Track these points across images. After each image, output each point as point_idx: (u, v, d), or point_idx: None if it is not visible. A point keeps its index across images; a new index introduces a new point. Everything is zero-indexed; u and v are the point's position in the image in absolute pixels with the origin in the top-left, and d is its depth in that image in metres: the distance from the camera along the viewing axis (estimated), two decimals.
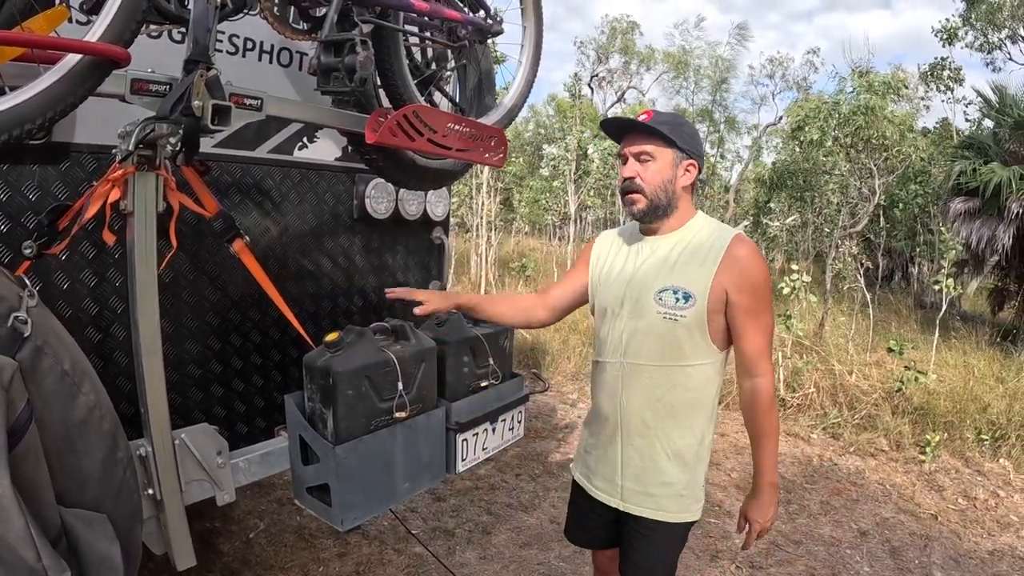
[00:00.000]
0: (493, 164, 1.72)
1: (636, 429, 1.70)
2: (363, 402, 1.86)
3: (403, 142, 1.39)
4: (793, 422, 5.29)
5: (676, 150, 1.62)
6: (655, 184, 1.62)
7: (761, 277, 1.58)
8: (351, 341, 1.92)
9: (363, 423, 1.87)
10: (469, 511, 3.56)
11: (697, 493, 1.72)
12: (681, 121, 1.67)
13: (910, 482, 4.25)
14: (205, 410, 2.15)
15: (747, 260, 1.58)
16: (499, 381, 2.30)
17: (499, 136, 1.67)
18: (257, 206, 2.20)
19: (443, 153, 1.50)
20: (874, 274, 9.67)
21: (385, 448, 1.92)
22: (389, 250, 2.56)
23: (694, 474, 1.69)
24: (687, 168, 1.64)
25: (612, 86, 20.31)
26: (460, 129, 1.52)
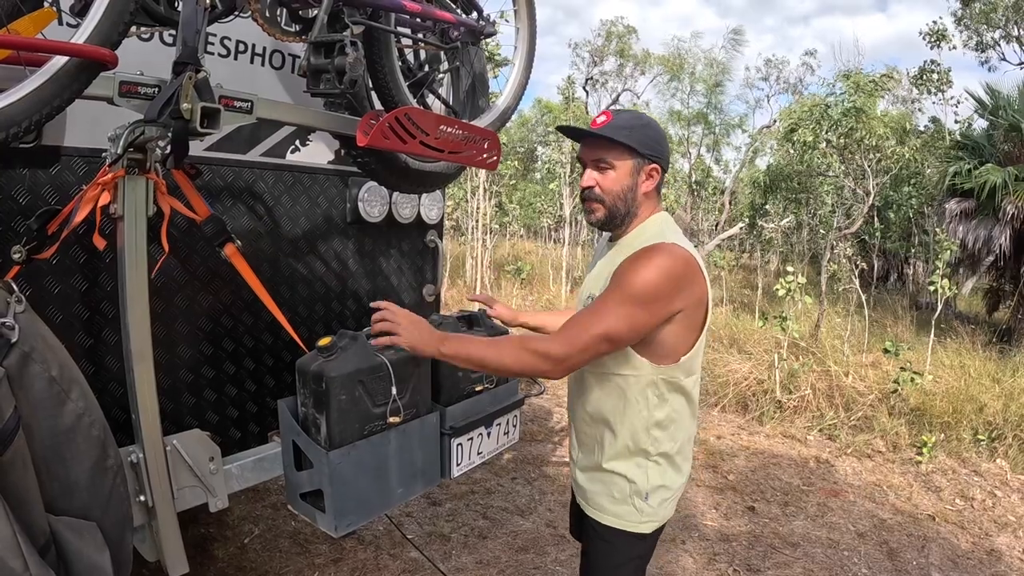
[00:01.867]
0: (486, 167, 1.71)
1: (580, 430, 1.71)
2: (357, 407, 1.84)
3: (395, 145, 1.38)
4: (789, 424, 5.29)
5: (636, 157, 1.51)
6: (614, 193, 1.54)
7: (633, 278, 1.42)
8: (344, 345, 1.91)
9: (357, 428, 1.85)
10: (465, 515, 3.54)
11: (640, 504, 1.60)
12: (643, 122, 1.55)
13: (907, 483, 4.25)
14: (198, 416, 2.13)
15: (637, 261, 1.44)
16: (494, 385, 2.28)
17: (492, 138, 1.66)
18: (249, 210, 2.18)
19: (435, 156, 1.49)
20: (869, 275, 9.70)
21: (379, 453, 1.91)
22: (383, 253, 2.55)
23: (632, 483, 1.59)
24: (649, 173, 1.54)
25: (606, 88, 20.36)
26: (452, 131, 1.51)
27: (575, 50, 22.58)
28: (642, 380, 1.53)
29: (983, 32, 13.63)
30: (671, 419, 1.58)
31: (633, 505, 1.61)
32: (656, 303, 1.42)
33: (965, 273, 8.42)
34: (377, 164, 1.78)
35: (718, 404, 5.82)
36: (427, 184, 1.97)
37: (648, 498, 1.60)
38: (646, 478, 1.60)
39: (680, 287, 1.45)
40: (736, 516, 3.74)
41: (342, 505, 1.85)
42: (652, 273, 1.42)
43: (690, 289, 1.47)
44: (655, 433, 1.57)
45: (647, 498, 1.60)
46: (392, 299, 2.63)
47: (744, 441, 4.98)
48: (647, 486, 1.60)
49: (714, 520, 3.66)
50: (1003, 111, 8.60)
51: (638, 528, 1.62)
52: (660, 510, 1.63)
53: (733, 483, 4.18)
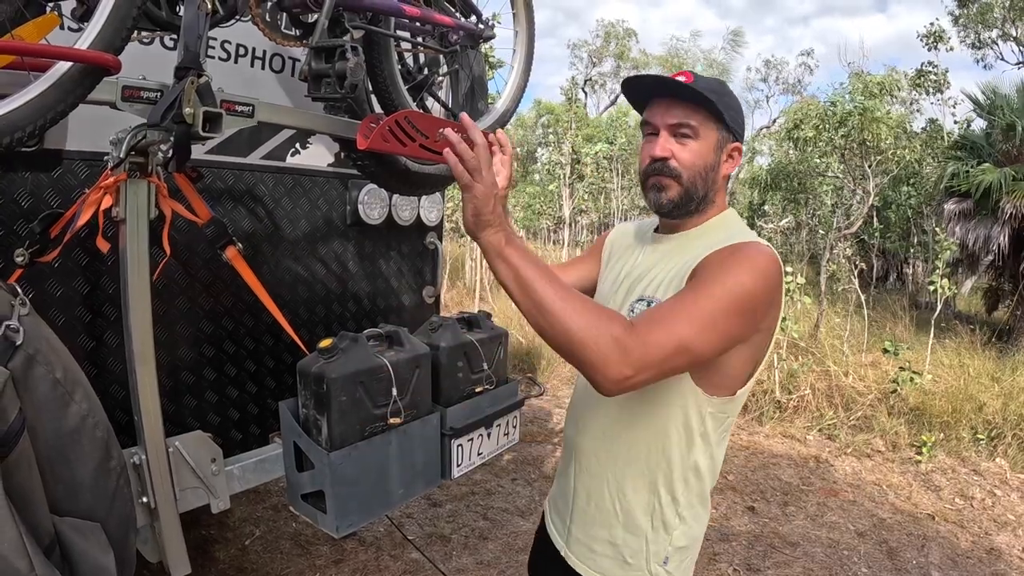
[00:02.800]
0: None
1: (586, 465, 1.35)
2: (357, 408, 1.85)
3: (395, 148, 1.38)
4: (789, 424, 5.31)
5: (723, 130, 1.23)
6: (695, 169, 1.22)
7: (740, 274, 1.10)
8: (345, 347, 1.92)
9: (358, 429, 1.86)
10: (465, 516, 3.55)
11: (656, 570, 1.28)
12: (727, 90, 1.25)
13: (907, 483, 4.26)
14: (199, 417, 2.15)
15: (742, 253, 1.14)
16: (494, 386, 2.29)
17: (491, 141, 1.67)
18: (250, 213, 2.20)
19: (435, 159, 1.50)
20: (869, 275, 9.69)
21: (380, 454, 1.92)
22: (383, 256, 2.56)
23: (651, 545, 1.27)
24: (731, 153, 1.26)
25: (605, 90, 20.39)
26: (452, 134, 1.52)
27: (573, 51, 22.66)
28: (690, 411, 1.21)
29: (980, 31, 13.68)
30: (710, 467, 1.27)
31: (649, 571, 1.29)
32: (753, 313, 1.12)
33: (964, 273, 8.42)
34: (377, 167, 1.79)
35: None
36: (426, 186, 1.98)
37: (667, 562, 1.29)
38: (669, 539, 1.28)
39: (774, 299, 1.16)
40: (736, 516, 3.75)
41: (343, 506, 1.86)
42: (753, 276, 1.11)
43: (777, 304, 1.18)
44: (691, 480, 1.26)
45: (666, 562, 1.28)
46: (392, 301, 2.65)
47: (744, 441, 4.99)
48: (668, 548, 1.28)
49: (714, 520, 3.67)
50: (1000, 111, 8.62)
51: None
52: (683, 571, 1.32)
53: (733, 483, 4.19)
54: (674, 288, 1.20)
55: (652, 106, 1.26)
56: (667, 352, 1.03)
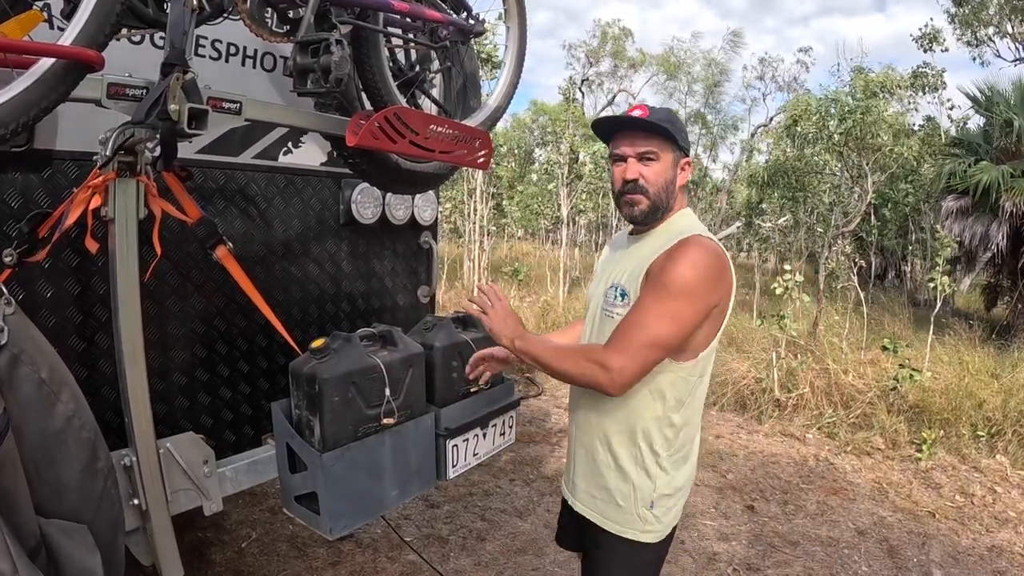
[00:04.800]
0: (477, 166, 1.71)
1: (583, 426, 1.64)
2: (350, 409, 1.84)
3: (385, 144, 1.38)
4: (788, 422, 5.29)
5: (677, 149, 1.54)
6: (659, 185, 1.51)
7: (676, 276, 1.40)
8: (337, 347, 1.90)
9: (350, 430, 1.85)
10: (463, 517, 3.53)
11: (643, 513, 1.54)
12: (675, 117, 1.58)
13: (907, 480, 4.24)
14: (192, 419, 2.13)
15: (679, 256, 1.42)
16: (489, 386, 2.28)
17: (483, 138, 1.66)
18: (242, 212, 2.18)
19: (425, 155, 1.49)
20: (867, 273, 9.67)
21: (373, 455, 1.91)
22: (376, 255, 2.54)
23: (638, 490, 1.54)
24: (683, 167, 1.57)
25: (602, 89, 20.38)
26: (442, 131, 1.51)
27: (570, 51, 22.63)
28: (660, 378, 1.48)
29: (976, 29, 13.68)
30: (684, 421, 1.55)
31: (637, 514, 1.55)
32: (699, 298, 1.41)
33: (963, 270, 8.40)
34: (368, 165, 1.78)
35: (716, 403, 5.80)
36: (419, 185, 1.96)
37: (653, 506, 1.55)
38: (652, 486, 1.54)
39: (718, 278, 1.44)
40: (735, 515, 3.73)
41: (336, 507, 1.85)
42: (690, 268, 1.40)
43: (724, 281, 1.46)
44: (668, 434, 1.53)
45: (652, 507, 1.55)
46: (386, 301, 2.63)
47: (743, 440, 4.98)
48: (653, 494, 1.55)
49: (713, 519, 3.65)
50: (998, 107, 8.61)
51: (642, 537, 1.56)
52: (665, 518, 1.57)
53: (732, 482, 4.17)
54: (636, 276, 1.51)
55: (618, 139, 1.55)
56: (642, 355, 1.39)
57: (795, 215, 8.53)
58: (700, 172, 11.43)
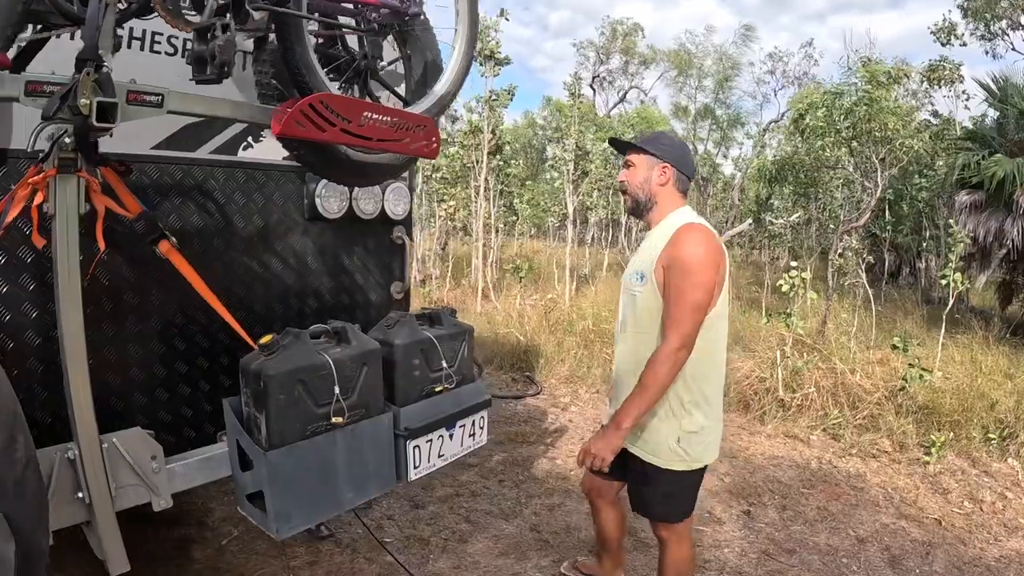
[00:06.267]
0: (423, 155, 1.62)
1: (621, 382, 2.10)
2: (298, 406, 1.78)
3: (312, 133, 1.31)
4: (792, 423, 5.13)
5: (650, 156, 2.03)
6: (635, 184, 2.05)
7: (686, 257, 1.89)
8: (287, 343, 1.84)
9: (298, 428, 1.79)
10: (447, 519, 3.46)
11: (674, 447, 1.99)
12: (661, 138, 2.12)
13: (913, 485, 4.08)
14: (150, 414, 2.08)
15: (680, 242, 1.91)
16: (455, 385, 2.20)
17: (428, 125, 1.57)
18: (200, 208, 2.13)
19: (361, 144, 1.42)
20: (880, 270, 9.40)
21: (324, 455, 1.84)
22: (345, 251, 2.48)
23: (664, 426, 1.99)
24: (662, 170, 2.03)
25: (613, 87, 20.17)
26: (380, 118, 1.43)
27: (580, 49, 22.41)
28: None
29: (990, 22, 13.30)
30: (701, 366, 1.96)
31: (668, 446, 1.99)
32: (711, 265, 1.88)
33: (977, 266, 8.11)
34: (314, 156, 1.71)
35: None
36: (372, 176, 1.89)
37: (680, 441, 1.99)
38: (678, 423, 1.98)
39: (717, 249, 1.93)
40: (730, 521, 3.61)
41: (283, 507, 1.79)
42: (696, 247, 1.89)
43: (719, 252, 1.94)
44: (689, 380, 1.95)
45: (679, 441, 1.99)
46: (357, 297, 2.56)
47: (743, 442, 4.84)
48: (679, 431, 1.98)
49: (706, 525, 3.53)
50: (1013, 99, 8.31)
51: (675, 466, 2.01)
52: (695, 452, 2.01)
53: (729, 486, 4.04)
54: (650, 262, 1.99)
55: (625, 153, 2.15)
56: (689, 319, 1.87)
57: (806, 211, 8.31)
58: (710, 168, 11.23)
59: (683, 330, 1.86)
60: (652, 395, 1.89)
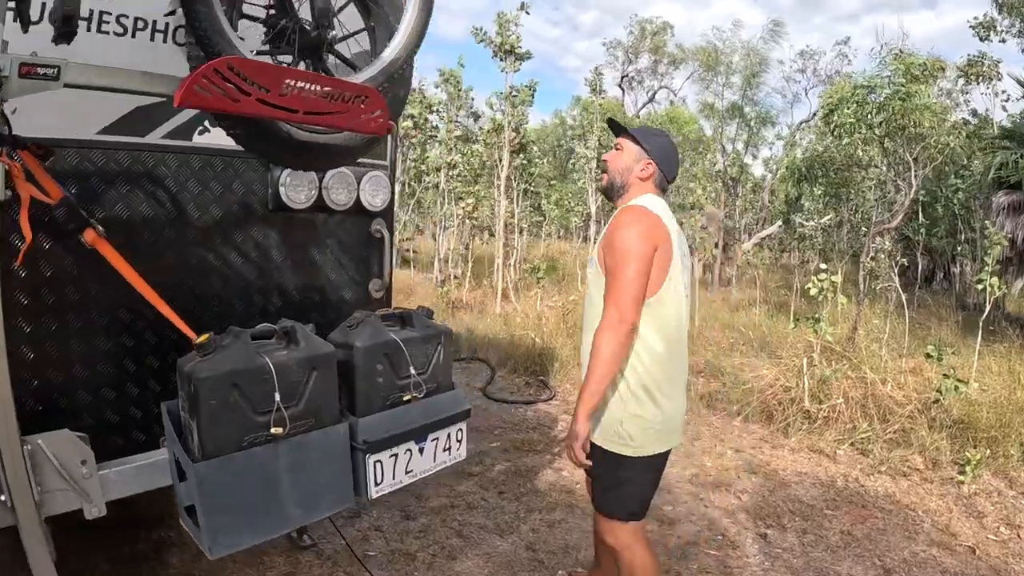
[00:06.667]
0: (368, 130, 1.42)
1: (582, 358, 2.04)
2: (233, 414, 1.60)
3: (220, 104, 1.13)
4: (818, 436, 4.81)
5: (640, 148, 2.05)
6: (615, 168, 2.08)
7: (616, 234, 1.92)
8: (226, 344, 1.67)
9: (233, 438, 1.61)
10: (438, 532, 3.26)
11: (617, 429, 1.96)
12: (656, 135, 2.11)
13: (946, 507, 3.75)
14: (93, 416, 1.93)
15: (614, 222, 1.97)
16: (424, 394, 2.00)
17: (372, 96, 1.37)
18: (150, 197, 1.97)
19: (285, 117, 1.24)
20: (914, 274, 8.90)
21: (264, 468, 1.66)
22: (316, 245, 2.30)
23: (612, 408, 1.96)
24: (646, 164, 2.04)
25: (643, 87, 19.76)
26: (308, 87, 1.25)
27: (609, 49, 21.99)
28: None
29: None
30: (648, 352, 1.94)
31: (614, 429, 1.96)
32: (642, 241, 1.88)
33: (1015, 271, 7.60)
34: (249, 134, 1.53)
35: (740, 413, 5.37)
36: (321, 159, 1.70)
37: (624, 424, 1.95)
38: (624, 407, 1.95)
39: (648, 226, 1.92)
40: (745, 544, 3.33)
41: (216, 523, 1.61)
42: (628, 225, 1.92)
43: (656, 230, 1.93)
44: (635, 363, 1.94)
45: (622, 424, 1.95)
46: (329, 295, 2.38)
47: (765, 456, 4.54)
48: (624, 413, 1.95)
49: (718, 549, 3.26)
50: None
51: (617, 449, 1.97)
52: (638, 438, 1.96)
53: (746, 504, 3.76)
54: (597, 247, 2.04)
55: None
56: (626, 293, 1.86)
57: (837, 213, 7.89)
58: (738, 169, 10.85)
59: (619, 304, 1.85)
60: (597, 374, 1.87)
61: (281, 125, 1.55)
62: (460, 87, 11.82)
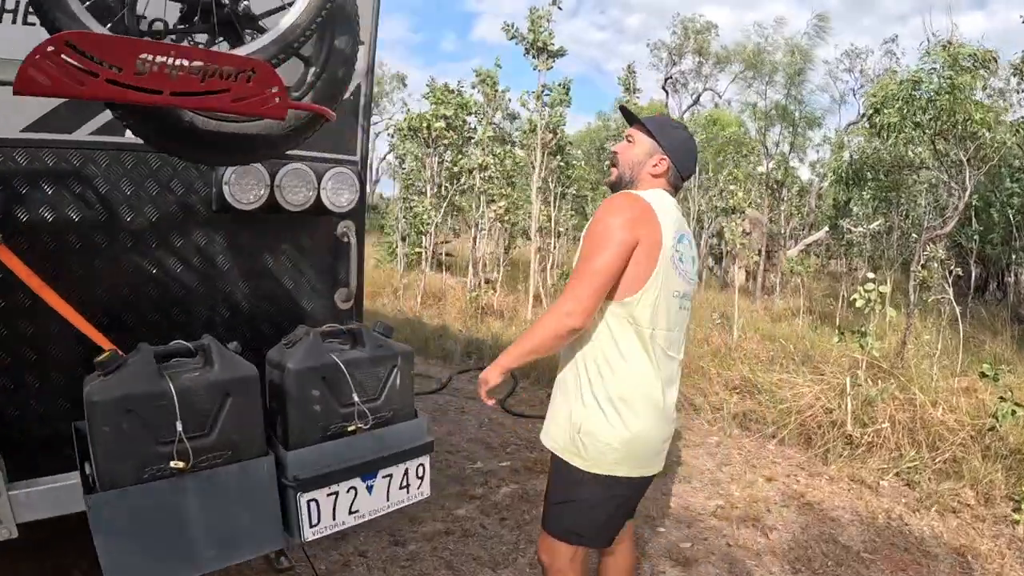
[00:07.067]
0: (260, 113, 1.19)
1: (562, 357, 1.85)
2: (131, 443, 1.40)
3: (65, 88, 0.93)
4: (860, 464, 4.36)
5: (655, 143, 1.82)
6: (625, 161, 1.85)
7: (594, 220, 1.73)
8: (130, 362, 1.47)
9: (132, 469, 1.41)
10: (426, 562, 3.01)
11: (575, 438, 1.73)
12: (672, 128, 1.87)
13: (998, 551, 3.29)
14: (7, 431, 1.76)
15: (598, 209, 1.75)
16: (370, 425, 1.76)
17: (262, 71, 1.13)
18: (78, 199, 1.79)
19: (144, 99, 1.01)
20: (966, 284, 8.19)
21: (169, 504, 1.45)
22: (269, 250, 2.09)
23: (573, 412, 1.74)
24: (659, 159, 1.82)
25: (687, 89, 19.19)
26: (171, 62, 1.02)
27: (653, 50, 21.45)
28: (602, 312, 1.71)
29: None
30: (620, 360, 1.71)
31: (569, 435, 1.75)
32: (612, 230, 1.66)
33: None
34: (144, 124, 1.32)
35: (776, 436, 4.95)
36: (236, 152, 1.47)
37: (580, 432, 1.73)
38: (584, 414, 1.73)
39: (632, 217, 1.68)
40: None
41: (115, 561, 1.40)
42: (609, 211, 1.70)
43: (643, 223, 1.68)
44: (603, 370, 1.72)
45: (579, 431, 1.73)
46: (286, 305, 2.16)
47: (800, 485, 4.13)
48: (582, 420, 1.73)
49: None
50: None
51: (568, 458, 1.76)
52: (596, 455, 1.72)
53: (775, 544, 3.38)
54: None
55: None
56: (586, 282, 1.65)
57: (887, 218, 7.31)
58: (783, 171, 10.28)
59: (575, 293, 1.65)
60: (525, 348, 1.73)
61: (181, 113, 1.33)
62: (496, 88, 11.63)
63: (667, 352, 1.76)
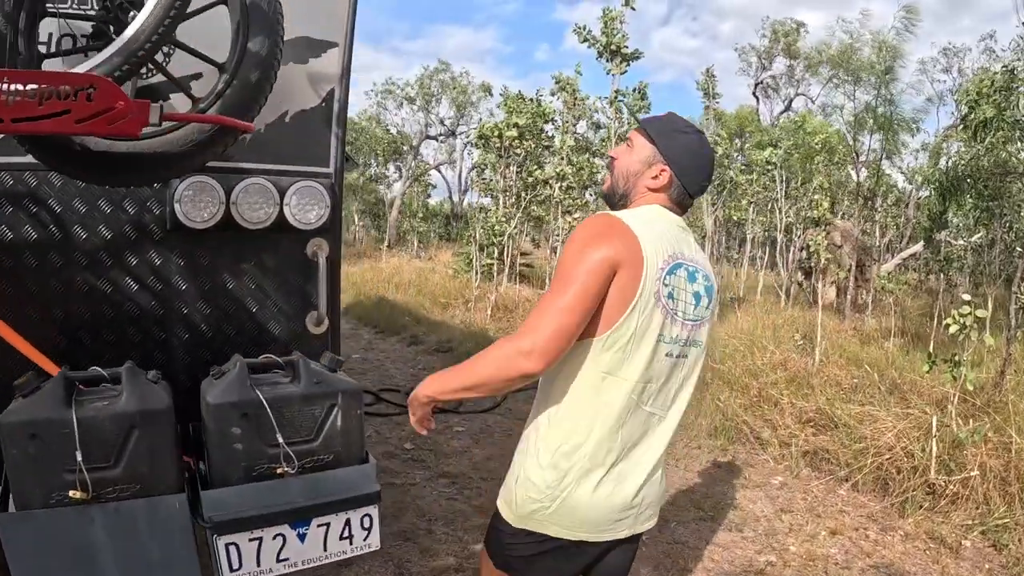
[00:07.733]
0: (105, 132, 1.06)
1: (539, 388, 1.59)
2: (37, 467, 1.39)
3: None
4: (942, 518, 3.78)
5: (656, 150, 1.53)
6: (620, 169, 1.58)
7: (563, 251, 1.45)
8: (45, 387, 1.43)
9: (40, 494, 1.39)
10: None
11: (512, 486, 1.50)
12: (683, 129, 1.56)
13: None
14: None
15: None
16: (300, 469, 1.62)
17: (103, 88, 1.01)
18: (33, 220, 1.78)
19: None
20: None
21: (74, 532, 1.42)
22: (229, 270, 2.01)
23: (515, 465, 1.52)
24: (659, 171, 1.52)
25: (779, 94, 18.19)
26: (6, 88, 0.92)
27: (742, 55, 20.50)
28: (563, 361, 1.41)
29: None
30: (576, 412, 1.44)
31: (509, 478, 1.54)
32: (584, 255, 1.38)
33: None
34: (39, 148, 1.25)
35: (849, 479, 4.40)
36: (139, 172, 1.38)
37: (518, 481, 1.50)
38: (524, 460, 1.50)
39: (608, 237, 1.39)
40: None
41: None
42: (583, 236, 1.42)
43: (622, 243, 1.39)
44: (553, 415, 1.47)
45: (517, 480, 1.50)
46: (250, 329, 2.07)
47: (869, 542, 3.62)
48: (521, 468, 1.50)
49: None
50: None
51: (502, 508, 1.53)
52: (522, 506, 1.47)
53: None
54: None
55: None
56: (548, 318, 1.34)
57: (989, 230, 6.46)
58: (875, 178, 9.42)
59: (536, 333, 1.33)
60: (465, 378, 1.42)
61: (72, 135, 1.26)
62: (576, 95, 11.45)
63: (642, 406, 1.46)
